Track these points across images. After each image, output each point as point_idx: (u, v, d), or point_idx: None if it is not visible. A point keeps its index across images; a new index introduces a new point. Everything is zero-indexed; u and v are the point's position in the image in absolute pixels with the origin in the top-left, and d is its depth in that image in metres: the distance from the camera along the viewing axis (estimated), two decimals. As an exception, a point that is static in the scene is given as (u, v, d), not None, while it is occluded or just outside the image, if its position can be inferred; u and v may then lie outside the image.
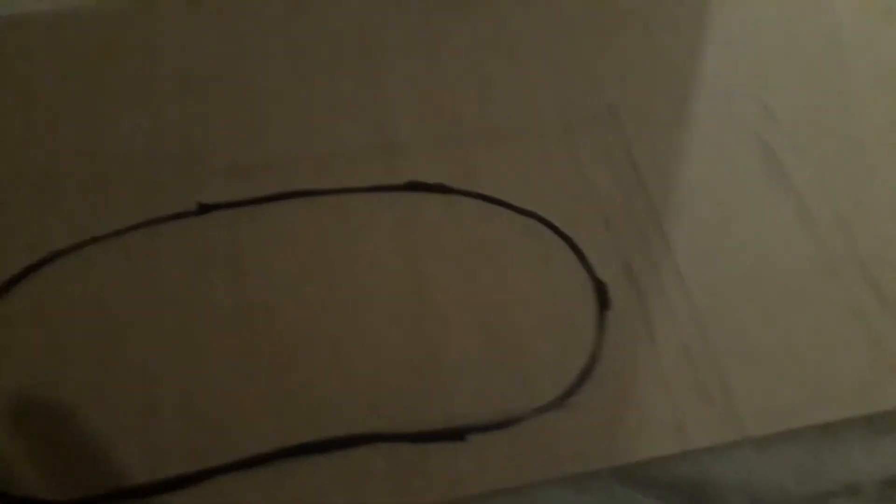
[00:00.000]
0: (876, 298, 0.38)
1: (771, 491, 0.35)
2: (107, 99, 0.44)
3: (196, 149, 0.42)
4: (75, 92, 0.44)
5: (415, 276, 0.38)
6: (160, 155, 0.42)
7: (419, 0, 0.48)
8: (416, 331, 0.37)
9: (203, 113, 0.44)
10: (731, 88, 0.45)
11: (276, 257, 0.39)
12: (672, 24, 0.48)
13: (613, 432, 0.34)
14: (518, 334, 0.36)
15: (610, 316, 0.37)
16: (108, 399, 0.35)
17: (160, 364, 0.35)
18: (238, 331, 0.37)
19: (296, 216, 0.40)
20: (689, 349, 0.36)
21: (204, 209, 0.40)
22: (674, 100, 0.45)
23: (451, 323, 0.37)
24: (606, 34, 0.47)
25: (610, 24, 0.48)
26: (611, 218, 0.40)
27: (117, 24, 0.47)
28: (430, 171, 0.42)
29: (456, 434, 0.34)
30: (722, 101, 0.45)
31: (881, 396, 0.36)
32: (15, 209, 0.40)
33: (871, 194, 0.42)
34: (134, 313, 0.37)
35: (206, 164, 0.42)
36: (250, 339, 0.36)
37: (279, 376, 0.35)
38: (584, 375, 0.35)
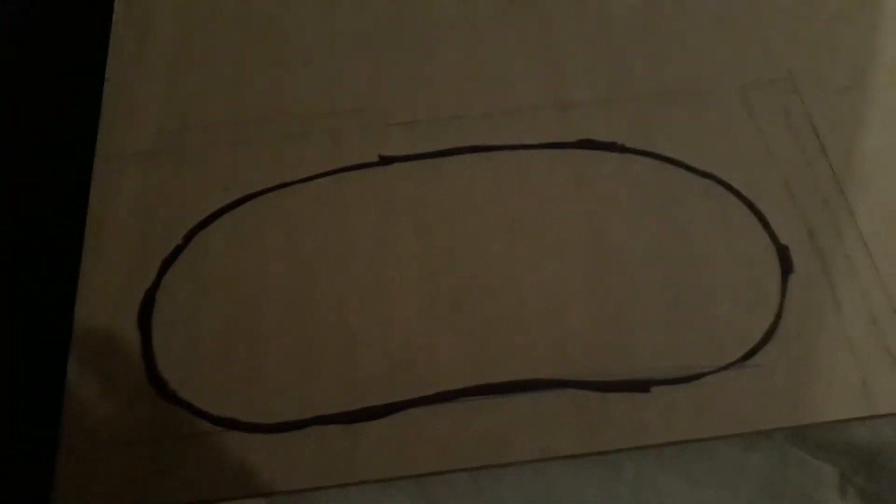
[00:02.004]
0: None
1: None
2: (290, 56, 0.46)
3: (375, 103, 0.44)
4: (256, 50, 0.46)
5: (594, 232, 0.39)
6: (341, 109, 0.44)
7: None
8: (597, 284, 0.37)
9: (380, 69, 0.45)
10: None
11: (457, 209, 0.40)
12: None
13: (796, 393, 0.34)
14: (701, 293, 0.37)
15: (793, 280, 0.37)
16: (305, 332, 0.37)
17: (352, 303, 0.37)
18: (423, 276, 0.38)
19: (473, 170, 0.41)
20: (875, 316, 0.36)
21: (386, 161, 0.42)
22: (853, 66, 0.44)
23: (634, 279, 0.37)
24: (784, -2, 0.46)
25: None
26: (792, 183, 0.40)
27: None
28: (604, 130, 0.42)
29: (640, 385, 0.34)
30: (905, 68, 0.43)
31: None
32: (211, 154, 0.42)
33: None
34: (325, 255, 0.39)
35: (385, 118, 0.43)
36: (435, 284, 0.38)
37: (465, 321, 0.37)
38: (768, 337, 0.35)
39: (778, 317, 0.36)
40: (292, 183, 0.41)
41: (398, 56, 0.45)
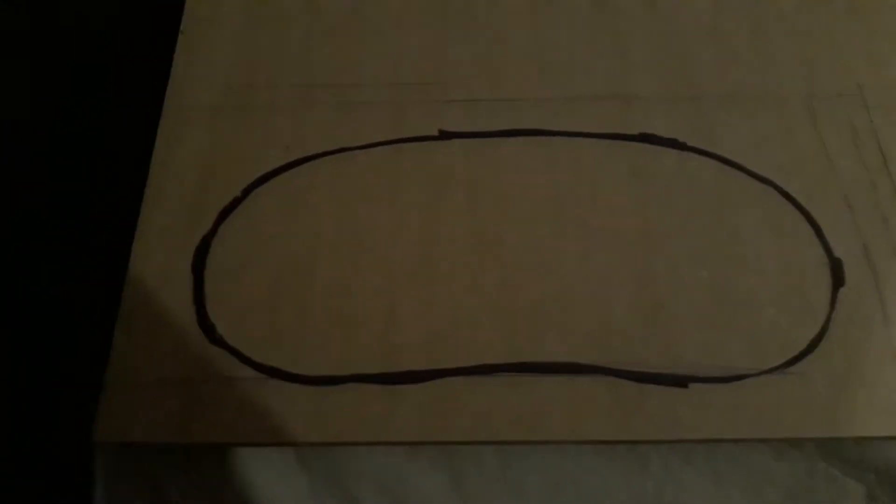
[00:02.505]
0: None
1: None
2: (359, 26, 0.47)
3: (437, 79, 0.44)
4: (327, 17, 0.47)
5: (645, 224, 0.39)
6: (404, 82, 0.44)
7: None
8: (643, 277, 0.37)
9: (446, 46, 0.46)
10: None
11: (510, 189, 0.40)
12: (933, 10, 0.46)
13: (836, 405, 0.34)
14: (748, 297, 0.37)
15: (844, 293, 0.37)
16: (351, 294, 0.37)
17: (401, 270, 0.38)
18: (472, 251, 0.39)
19: (530, 153, 0.42)
20: (924, 339, 0.35)
21: (445, 136, 0.42)
22: (926, 87, 0.43)
23: (681, 275, 0.37)
24: (858, 11, 0.46)
25: (863, 2, 0.46)
26: (851, 197, 0.39)
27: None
28: (665, 126, 0.42)
29: (679, 380, 0.35)
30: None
31: None
32: (275, 113, 0.43)
33: None
34: (376, 222, 0.40)
35: (447, 94, 0.44)
36: (483, 260, 0.38)
37: (509, 298, 0.37)
38: (812, 347, 0.35)
39: (824, 328, 0.36)
40: (351, 149, 0.42)
41: (465, 34, 0.46)
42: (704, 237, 0.39)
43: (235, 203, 0.40)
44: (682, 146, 0.41)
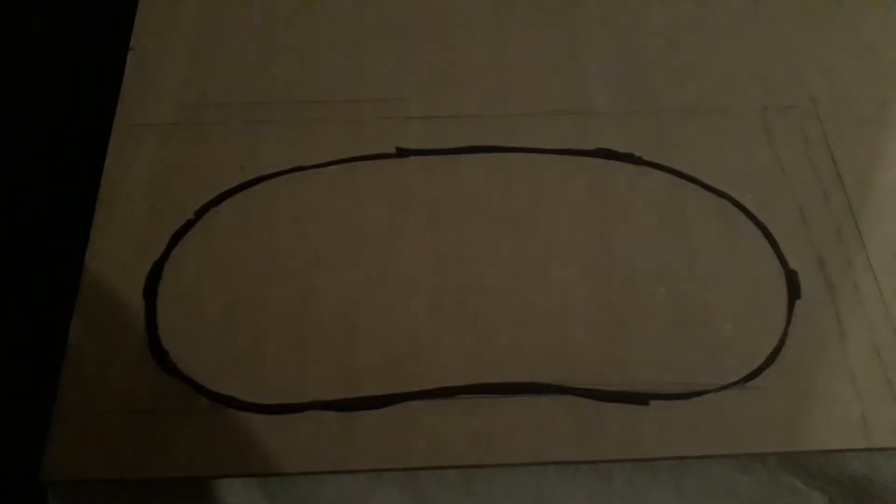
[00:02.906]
0: None
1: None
2: (316, 42, 0.46)
3: (395, 96, 0.44)
4: (282, 33, 0.46)
5: (603, 240, 0.39)
6: (362, 99, 0.44)
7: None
8: (603, 294, 0.37)
9: (402, 63, 0.45)
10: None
11: (469, 207, 0.40)
12: (882, 21, 0.46)
13: (794, 419, 0.34)
14: (706, 311, 0.37)
15: (800, 306, 0.37)
16: (309, 317, 0.37)
17: (358, 292, 0.37)
18: (431, 270, 0.38)
19: (489, 170, 0.41)
20: (879, 349, 0.36)
21: (402, 153, 0.42)
22: (878, 99, 0.44)
23: (639, 291, 0.37)
24: (812, 25, 0.46)
25: (817, 16, 0.47)
26: (806, 209, 0.40)
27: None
28: (622, 141, 0.42)
29: (639, 398, 0.34)
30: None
31: None
32: (229, 132, 0.42)
33: None
34: (334, 242, 0.39)
35: (404, 112, 0.43)
36: (442, 279, 0.38)
37: (469, 318, 0.37)
38: (770, 360, 0.35)
39: (782, 342, 0.36)
40: (308, 167, 0.41)
41: (423, 50, 0.46)
42: (662, 252, 0.39)
43: (189, 225, 0.39)
44: (638, 160, 0.41)
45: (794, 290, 0.37)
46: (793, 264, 0.38)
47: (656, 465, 0.36)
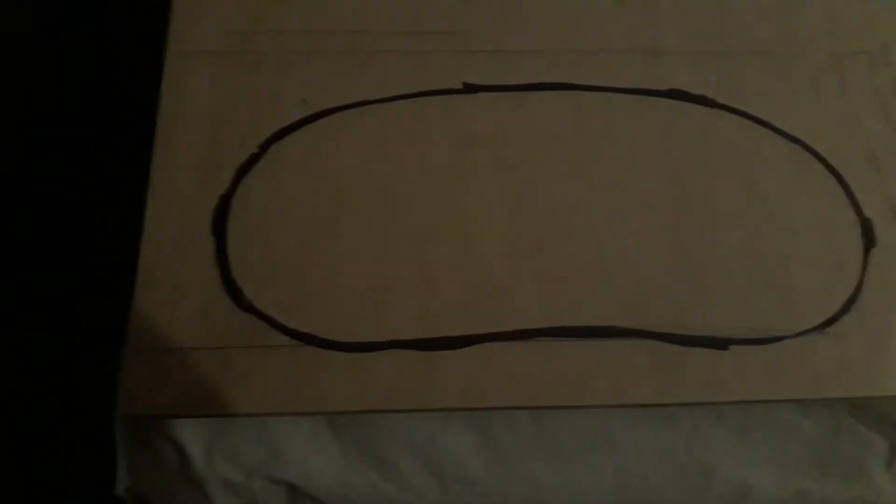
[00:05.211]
0: None
1: None
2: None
3: (460, 29, 0.42)
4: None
5: (676, 184, 0.38)
6: (423, 30, 0.42)
7: None
8: (678, 238, 0.37)
9: None
10: None
11: (539, 146, 0.39)
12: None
13: (870, 365, 0.35)
14: (782, 258, 0.37)
15: (875, 254, 0.37)
16: (381, 256, 0.36)
17: (429, 232, 0.37)
18: (502, 212, 0.37)
19: (559, 108, 0.40)
20: (956, 297, 0.36)
21: (470, 89, 0.41)
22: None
23: (714, 237, 0.37)
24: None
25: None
26: (879, 157, 0.39)
27: None
28: (693, 82, 0.41)
29: (719, 343, 0.35)
30: None
31: None
32: (286, 61, 0.41)
33: None
34: (403, 180, 0.38)
35: (468, 45, 0.42)
36: (515, 221, 0.37)
37: (544, 262, 0.36)
38: (847, 307, 0.36)
39: (858, 289, 0.36)
40: (373, 101, 0.40)
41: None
42: (735, 197, 0.38)
43: (254, 159, 0.38)
44: (711, 103, 0.40)
45: (869, 238, 0.37)
46: (867, 212, 0.38)
47: (722, 410, 0.36)
